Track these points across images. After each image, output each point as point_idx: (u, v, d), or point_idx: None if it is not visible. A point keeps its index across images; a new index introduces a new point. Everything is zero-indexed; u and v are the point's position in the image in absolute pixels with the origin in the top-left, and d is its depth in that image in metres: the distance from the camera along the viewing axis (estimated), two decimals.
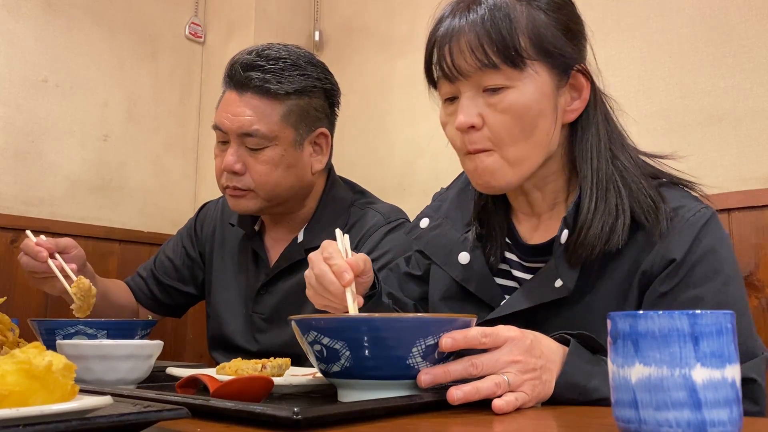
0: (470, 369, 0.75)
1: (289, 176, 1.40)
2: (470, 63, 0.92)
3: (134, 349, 0.92)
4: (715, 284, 0.91)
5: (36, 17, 2.04)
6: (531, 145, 0.94)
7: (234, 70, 1.39)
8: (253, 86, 1.37)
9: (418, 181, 2.16)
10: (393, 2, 2.30)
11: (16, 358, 0.50)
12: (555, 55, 0.94)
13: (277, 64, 1.38)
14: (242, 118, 1.36)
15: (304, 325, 0.78)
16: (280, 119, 1.37)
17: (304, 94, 1.40)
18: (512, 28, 0.91)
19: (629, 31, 1.73)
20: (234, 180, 1.39)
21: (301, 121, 1.40)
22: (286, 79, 1.37)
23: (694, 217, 0.93)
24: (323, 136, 1.45)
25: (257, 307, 1.49)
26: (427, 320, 0.78)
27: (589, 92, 0.98)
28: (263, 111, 1.36)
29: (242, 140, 1.37)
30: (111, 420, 0.50)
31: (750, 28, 1.56)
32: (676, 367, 0.52)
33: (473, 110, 0.93)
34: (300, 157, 1.41)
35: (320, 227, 1.45)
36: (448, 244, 1.08)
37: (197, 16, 2.47)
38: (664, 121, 1.65)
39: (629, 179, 0.96)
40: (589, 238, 0.92)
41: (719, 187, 1.54)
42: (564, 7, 0.97)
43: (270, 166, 1.38)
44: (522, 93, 0.92)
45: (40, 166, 2.01)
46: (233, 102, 1.38)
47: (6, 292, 1.67)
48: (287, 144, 1.39)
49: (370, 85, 2.32)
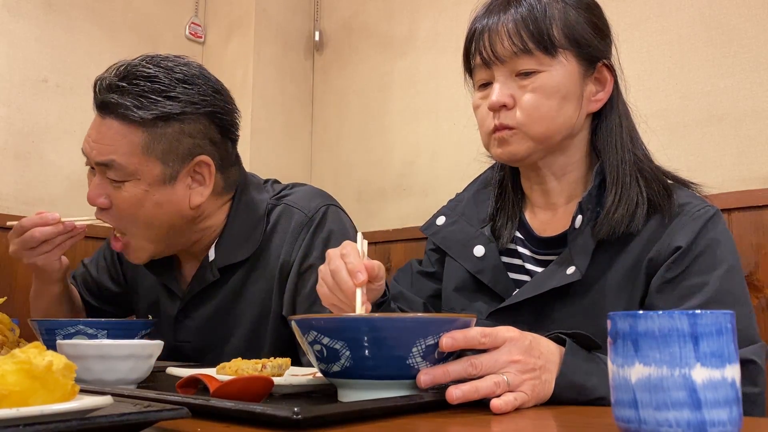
0: (469, 369, 0.76)
1: (161, 214, 1.21)
2: (507, 48, 1.00)
3: (134, 349, 0.92)
4: (719, 272, 0.95)
5: (36, 17, 2.04)
6: (556, 125, 1.01)
7: (96, 89, 1.23)
8: (111, 111, 1.19)
9: (417, 181, 2.16)
10: (393, 2, 2.30)
11: (16, 358, 0.50)
12: (583, 47, 1.02)
13: (140, 85, 1.18)
14: (101, 145, 1.19)
15: (304, 325, 0.78)
16: (141, 150, 1.18)
17: (173, 120, 1.19)
18: (547, 19, 1.00)
19: (629, 31, 1.73)
20: (104, 215, 1.23)
21: (170, 152, 1.19)
22: (150, 104, 1.17)
23: (700, 212, 0.99)
24: (205, 165, 1.23)
25: (179, 336, 1.34)
26: (427, 320, 0.78)
27: (612, 86, 1.05)
28: (122, 140, 1.17)
29: (102, 170, 1.20)
30: (111, 420, 0.50)
31: (750, 28, 1.56)
32: (676, 367, 0.52)
33: (506, 91, 1.01)
34: (172, 192, 1.21)
35: (233, 241, 1.29)
36: (464, 238, 1.13)
37: (197, 16, 2.47)
38: (664, 121, 1.65)
39: (645, 169, 1.03)
40: (614, 222, 0.98)
41: (719, 187, 1.54)
42: (594, 9, 1.06)
43: (133, 204, 1.19)
44: (552, 76, 1.00)
45: (40, 166, 2.02)
46: (95, 126, 1.22)
47: (6, 292, 1.67)
48: (152, 179, 1.19)
49: (369, 85, 2.32)
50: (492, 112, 1.02)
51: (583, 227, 1.00)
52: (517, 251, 1.10)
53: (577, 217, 1.00)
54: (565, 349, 0.82)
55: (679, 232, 0.97)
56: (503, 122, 1.01)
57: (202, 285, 1.29)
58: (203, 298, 1.31)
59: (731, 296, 0.94)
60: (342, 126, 2.34)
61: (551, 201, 1.09)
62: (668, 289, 0.95)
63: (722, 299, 0.93)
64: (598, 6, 1.08)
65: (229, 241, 1.29)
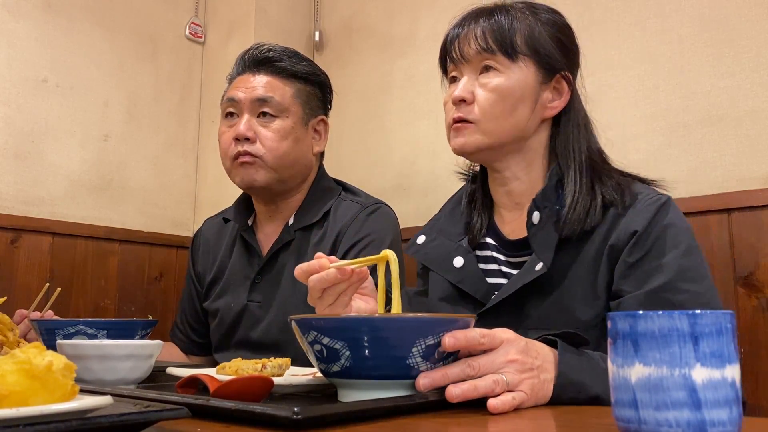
0: (468, 370, 0.77)
1: (295, 149, 1.51)
2: (473, 48, 1.12)
3: (134, 349, 0.92)
4: (677, 252, 1.01)
5: (36, 17, 2.04)
6: (508, 123, 1.11)
7: (249, 55, 1.55)
8: (267, 65, 1.52)
9: (417, 181, 2.16)
10: (393, 2, 2.30)
11: (16, 358, 0.50)
12: (543, 56, 1.12)
13: (285, 52, 1.55)
14: (258, 88, 1.50)
15: (304, 325, 0.78)
16: (291, 95, 1.51)
17: (307, 82, 1.55)
18: (512, 29, 1.11)
19: (629, 31, 1.73)
20: (245, 146, 1.47)
21: (307, 104, 1.54)
22: (295, 64, 1.54)
23: (652, 199, 1.07)
24: (323, 123, 1.59)
25: (252, 296, 1.53)
26: (427, 320, 0.78)
27: (569, 96, 1.14)
28: (277, 85, 1.51)
29: (256, 109, 1.49)
30: (111, 420, 0.50)
31: (750, 28, 1.56)
32: (675, 367, 0.52)
33: (468, 87, 1.12)
34: (306, 134, 1.54)
35: (310, 212, 1.54)
36: (444, 253, 1.20)
37: (197, 17, 2.47)
38: (664, 121, 1.65)
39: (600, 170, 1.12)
40: (574, 220, 1.05)
41: (719, 187, 1.54)
42: (563, 28, 1.16)
43: (280, 135, 1.48)
44: (509, 78, 1.10)
45: (40, 166, 2.02)
46: (247, 80, 1.52)
47: (6, 292, 1.67)
48: (296, 118, 1.51)
49: (369, 85, 2.32)
50: (454, 106, 1.12)
51: (543, 223, 1.07)
52: (493, 257, 1.17)
53: (534, 214, 1.08)
54: (559, 349, 0.84)
55: (635, 218, 1.04)
56: (461, 115, 1.11)
57: (280, 244, 1.52)
58: (277, 261, 1.52)
59: (692, 273, 1.00)
60: (342, 126, 2.33)
61: (515, 201, 1.17)
62: (632, 273, 1.01)
63: (683, 277, 0.99)
64: (569, 28, 1.17)
65: (306, 211, 1.55)
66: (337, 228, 1.49)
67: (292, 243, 1.52)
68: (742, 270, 1.47)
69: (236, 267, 1.59)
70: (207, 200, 2.37)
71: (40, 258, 1.94)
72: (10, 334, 1.15)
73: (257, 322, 1.51)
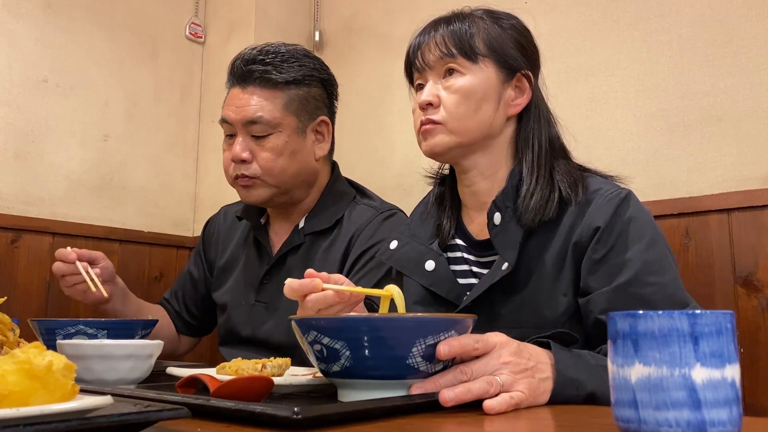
0: (460, 377, 0.78)
1: (293, 163, 1.48)
2: (435, 54, 1.16)
3: (134, 348, 0.92)
4: (641, 245, 1.03)
5: (36, 17, 2.04)
6: (474, 122, 1.14)
7: (236, 66, 1.50)
8: (255, 78, 1.47)
9: (418, 181, 2.15)
10: (393, 2, 2.30)
11: (16, 358, 0.50)
12: (502, 56, 1.16)
13: (276, 57, 1.49)
14: (247, 108, 1.46)
15: (304, 325, 0.78)
16: (282, 107, 1.46)
17: (302, 84, 1.50)
18: (470, 32, 1.15)
19: (629, 31, 1.73)
20: (242, 168, 1.46)
21: (302, 109, 1.49)
22: (285, 70, 1.48)
23: (613, 194, 1.08)
24: (324, 124, 1.54)
25: (260, 296, 1.54)
26: (427, 320, 0.78)
27: (530, 94, 1.18)
28: (266, 100, 1.46)
29: (248, 129, 1.46)
30: (111, 420, 0.50)
31: (750, 28, 1.56)
32: (675, 367, 0.52)
33: (433, 92, 1.15)
34: (303, 143, 1.50)
35: (322, 216, 1.54)
36: (416, 257, 1.22)
37: (197, 17, 2.47)
38: (664, 121, 1.65)
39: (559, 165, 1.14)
40: (530, 209, 1.08)
41: (719, 187, 1.54)
42: (521, 30, 1.20)
43: (275, 153, 1.46)
44: (470, 79, 1.14)
45: (40, 166, 2.02)
46: (237, 95, 1.49)
47: (6, 292, 1.67)
48: (290, 131, 1.48)
49: (370, 85, 2.32)
50: (422, 111, 1.16)
51: (505, 223, 1.09)
52: (463, 257, 1.19)
53: (495, 215, 1.10)
54: (554, 349, 0.85)
55: (596, 214, 1.06)
56: (429, 117, 1.14)
57: (290, 247, 1.52)
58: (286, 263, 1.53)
59: (656, 265, 1.02)
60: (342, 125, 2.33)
61: (481, 201, 1.19)
62: (598, 270, 1.03)
63: (649, 270, 1.01)
64: (527, 31, 1.22)
65: (318, 215, 1.54)
66: (350, 232, 1.49)
67: (301, 246, 1.52)
68: (742, 270, 1.47)
69: (247, 264, 1.60)
70: (207, 200, 2.37)
71: (40, 258, 1.94)
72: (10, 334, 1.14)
73: (263, 322, 1.52)
